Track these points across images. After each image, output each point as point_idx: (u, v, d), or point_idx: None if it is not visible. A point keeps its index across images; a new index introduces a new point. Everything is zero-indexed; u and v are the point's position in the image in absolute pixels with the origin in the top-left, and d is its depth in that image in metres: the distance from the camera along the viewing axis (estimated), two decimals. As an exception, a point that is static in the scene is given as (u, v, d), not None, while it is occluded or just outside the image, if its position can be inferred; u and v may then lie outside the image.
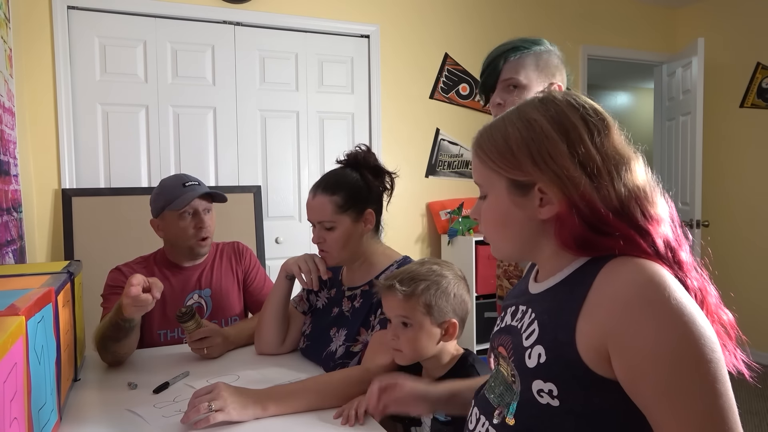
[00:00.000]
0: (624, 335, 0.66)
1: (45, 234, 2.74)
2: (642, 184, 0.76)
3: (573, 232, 0.74)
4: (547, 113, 0.77)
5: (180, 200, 1.68)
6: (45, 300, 0.99)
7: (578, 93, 0.81)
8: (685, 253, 0.75)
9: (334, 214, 1.41)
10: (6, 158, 2.03)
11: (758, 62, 3.91)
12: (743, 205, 4.03)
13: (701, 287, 0.74)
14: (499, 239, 0.84)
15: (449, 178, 3.68)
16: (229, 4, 3.06)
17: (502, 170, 0.78)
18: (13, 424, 0.74)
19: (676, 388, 0.64)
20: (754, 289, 3.89)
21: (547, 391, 0.72)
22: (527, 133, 0.76)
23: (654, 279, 0.67)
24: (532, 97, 0.83)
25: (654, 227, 0.73)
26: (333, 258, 1.46)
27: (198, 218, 1.72)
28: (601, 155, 0.74)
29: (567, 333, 0.71)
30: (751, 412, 3.12)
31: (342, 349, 1.41)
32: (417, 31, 3.53)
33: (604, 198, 0.73)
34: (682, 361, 0.64)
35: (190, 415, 1.08)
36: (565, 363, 0.71)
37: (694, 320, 0.65)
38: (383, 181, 1.48)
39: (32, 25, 2.69)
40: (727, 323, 0.74)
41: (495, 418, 0.80)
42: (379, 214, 1.49)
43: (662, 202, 0.77)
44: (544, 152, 0.75)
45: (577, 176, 0.73)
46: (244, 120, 3.17)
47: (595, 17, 4.05)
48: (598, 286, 0.71)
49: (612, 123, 0.78)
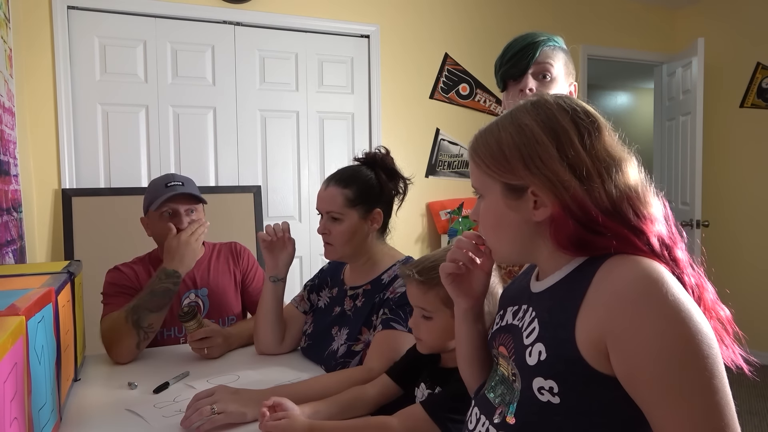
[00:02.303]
0: (622, 331, 0.67)
1: (45, 234, 2.74)
2: (634, 184, 0.76)
3: (568, 233, 0.75)
4: (538, 117, 0.78)
5: (157, 201, 1.68)
6: (45, 300, 0.99)
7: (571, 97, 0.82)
8: (680, 250, 0.76)
9: (343, 206, 1.42)
10: (6, 158, 2.03)
11: (758, 62, 3.91)
12: (743, 205, 4.03)
13: (698, 283, 0.75)
14: (497, 242, 0.85)
15: (449, 178, 3.68)
16: (229, 4, 3.06)
17: (496, 174, 0.80)
18: (13, 424, 0.74)
19: (674, 384, 0.64)
20: (754, 289, 3.89)
21: (547, 389, 0.73)
22: (519, 138, 0.78)
23: (651, 276, 0.68)
24: (525, 100, 0.84)
25: (648, 226, 0.74)
26: (335, 251, 1.46)
27: (177, 219, 1.70)
28: (591, 158, 0.75)
29: (566, 330, 0.72)
30: (751, 412, 3.11)
31: (343, 348, 1.41)
32: (417, 31, 3.53)
33: (596, 199, 0.74)
34: (679, 357, 0.64)
35: (192, 418, 1.08)
36: (565, 360, 0.71)
37: (692, 316, 0.66)
38: (397, 185, 1.49)
39: (32, 25, 2.69)
40: (724, 319, 0.75)
41: (496, 417, 0.80)
42: (388, 216, 1.50)
43: (655, 201, 0.78)
44: (535, 156, 0.76)
45: (567, 179, 0.74)
46: (244, 120, 3.17)
47: (595, 17, 4.05)
48: (596, 284, 0.71)
49: (603, 125, 0.79)
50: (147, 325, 1.54)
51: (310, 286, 1.64)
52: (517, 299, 0.88)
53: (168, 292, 1.58)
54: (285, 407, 1.05)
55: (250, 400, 1.14)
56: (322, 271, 1.66)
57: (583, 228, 0.74)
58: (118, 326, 1.52)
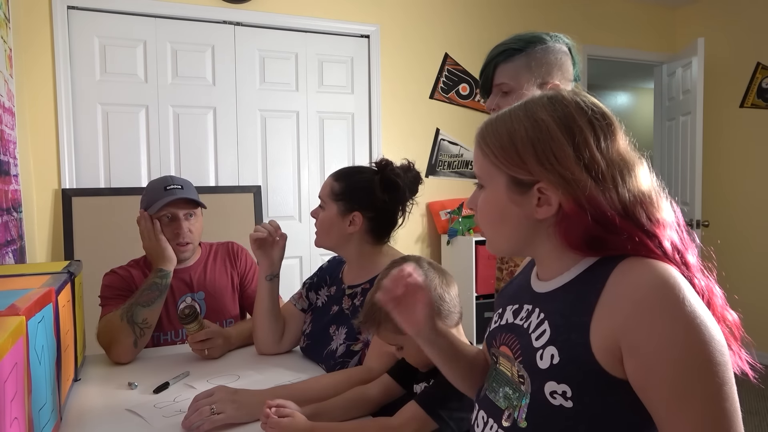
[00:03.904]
0: (637, 335, 0.67)
1: (45, 234, 2.74)
2: (647, 189, 0.76)
3: (581, 231, 0.74)
4: (554, 114, 0.76)
5: (155, 205, 1.67)
6: (45, 300, 0.99)
7: (586, 93, 0.80)
8: (692, 255, 0.75)
9: (327, 196, 1.46)
10: (6, 158, 2.03)
11: (758, 62, 3.90)
12: (743, 205, 4.03)
13: (707, 287, 0.75)
14: (494, 235, 0.84)
15: (449, 178, 3.68)
16: (229, 4, 3.06)
17: (504, 166, 0.78)
18: (13, 424, 0.73)
19: (686, 390, 0.64)
20: (754, 289, 3.89)
21: (560, 393, 0.72)
22: (534, 132, 0.76)
23: (669, 281, 0.68)
24: (541, 94, 0.82)
25: (660, 230, 0.74)
26: (318, 238, 1.51)
27: (176, 224, 1.69)
28: (606, 160, 0.74)
29: (581, 333, 0.71)
30: (751, 412, 3.12)
31: (342, 348, 1.41)
32: (417, 31, 3.53)
33: (609, 202, 0.73)
34: (693, 363, 0.65)
35: (192, 419, 1.08)
36: (579, 364, 0.71)
37: (706, 323, 0.66)
38: (395, 198, 1.45)
39: (32, 25, 2.69)
40: (732, 323, 0.75)
41: (505, 420, 0.79)
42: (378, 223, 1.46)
43: (667, 206, 0.77)
44: (549, 153, 0.74)
45: (583, 179, 0.73)
46: (244, 120, 3.17)
47: (595, 17, 4.05)
48: (611, 287, 0.71)
49: (618, 128, 0.78)
50: (141, 321, 1.55)
51: (309, 284, 1.64)
52: (518, 298, 0.87)
53: (155, 285, 1.59)
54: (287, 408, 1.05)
55: (250, 400, 1.14)
56: (321, 270, 1.66)
57: (598, 226, 0.73)
58: (113, 326, 1.53)
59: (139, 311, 1.55)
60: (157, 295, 1.59)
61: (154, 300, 1.58)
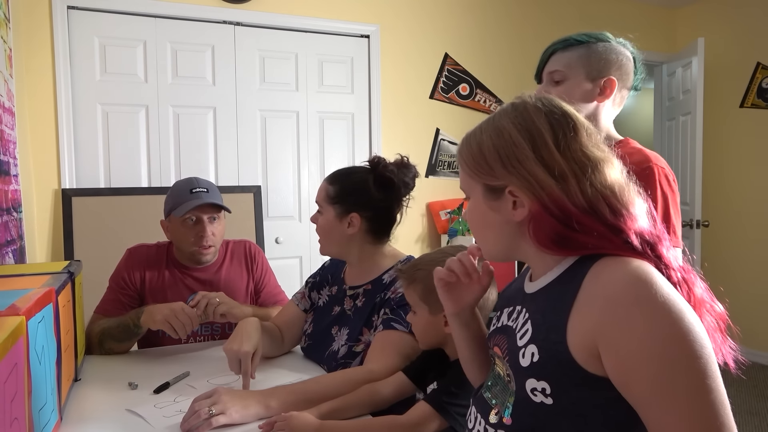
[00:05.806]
0: (613, 333, 0.67)
1: (45, 234, 2.74)
2: (610, 183, 0.77)
3: (548, 231, 0.76)
4: (516, 119, 0.80)
5: (181, 207, 1.67)
6: (45, 300, 0.99)
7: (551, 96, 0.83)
8: (664, 247, 0.76)
9: (323, 200, 1.46)
10: (6, 158, 2.03)
11: (758, 62, 3.91)
12: (743, 205, 4.03)
13: (686, 279, 0.75)
14: (483, 241, 0.88)
15: (449, 178, 3.68)
16: (229, 4, 3.06)
17: (477, 175, 0.83)
18: (13, 424, 0.73)
19: (667, 385, 0.64)
20: (754, 289, 3.88)
21: (540, 390, 0.73)
22: (497, 140, 0.80)
23: (641, 277, 0.69)
24: (507, 103, 0.86)
25: (625, 223, 0.75)
26: (322, 246, 1.49)
27: (200, 226, 1.70)
28: (566, 158, 0.77)
29: (558, 332, 0.73)
30: (751, 412, 3.11)
31: (344, 349, 1.41)
32: (417, 31, 3.53)
33: (573, 198, 0.75)
34: (671, 357, 0.64)
35: (191, 421, 1.08)
36: (558, 362, 0.72)
37: (683, 317, 0.66)
38: (390, 196, 1.44)
39: (32, 25, 2.69)
40: (716, 315, 0.75)
41: (492, 417, 0.81)
42: (377, 223, 1.45)
43: (638, 200, 0.79)
44: (512, 157, 0.78)
45: (544, 179, 0.76)
46: (244, 120, 3.17)
47: (595, 18, 4.04)
48: (586, 286, 0.72)
49: (581, 126, 0.80)
50: (107, 348, 1.61)
51: (312, 283, 1.63)
52: (512, 300, 0.89)
53: (131, 331, 1.58)
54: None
55: (250, 398, 1.14)
56: (323, 268, 1.66)
57: (561, 225, 0.75)
58: (88, 335, 1.62)
59: (107, 341, 1.60)
60: (129, 338, 1.60)
61: (124, 340, 1.61)
